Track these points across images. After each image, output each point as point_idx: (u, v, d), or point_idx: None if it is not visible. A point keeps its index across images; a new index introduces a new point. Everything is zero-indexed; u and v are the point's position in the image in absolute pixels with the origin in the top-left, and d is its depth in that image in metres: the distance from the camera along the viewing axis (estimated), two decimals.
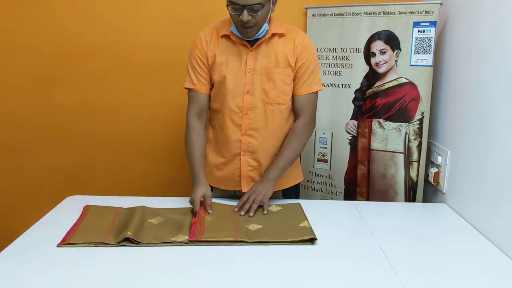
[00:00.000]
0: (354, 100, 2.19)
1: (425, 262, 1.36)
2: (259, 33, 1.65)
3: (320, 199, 2.34)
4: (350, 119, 2.21)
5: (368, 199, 2.20)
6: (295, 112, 1.78)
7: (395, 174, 2.12)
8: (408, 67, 2.05)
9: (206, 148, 1.82)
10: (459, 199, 1.81)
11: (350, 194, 2.27)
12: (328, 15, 2.21)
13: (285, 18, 2.30)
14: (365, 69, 2.15)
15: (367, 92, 2.15)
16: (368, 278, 1.26)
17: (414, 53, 2.03)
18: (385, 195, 2.15)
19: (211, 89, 1.78)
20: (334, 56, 2.22)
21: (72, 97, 2.43)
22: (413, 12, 2.02)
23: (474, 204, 1.66)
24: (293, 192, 1.91)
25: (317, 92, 1.77)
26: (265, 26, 1.66)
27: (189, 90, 1.77)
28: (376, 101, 2.12)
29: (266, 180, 1.70)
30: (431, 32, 1.99)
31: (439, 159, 1.98)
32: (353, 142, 2.22)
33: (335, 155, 2.29)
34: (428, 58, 2.01)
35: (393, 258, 1.35)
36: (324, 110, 2.28)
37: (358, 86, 2.17)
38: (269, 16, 1.66)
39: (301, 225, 1.53)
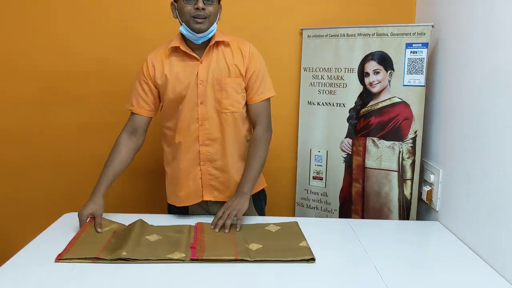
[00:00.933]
0: (348, 119, 2.23)
1: (419, 280, 1.37)
2: (209, 30, 1.68)
3: (316, 217, 2.36)
4: (345, 138, 2.25)
5: (363, 217, 2.22)
6: (251, 120, 1.85)
7: (389, 192, 2.14)
8: (401, 87, 2.09)
9: (168, 171, 1.88)
10: (451, 217, 1.83)
11: (345, 211, 2.29)
12: (323, 36, 2.26)
13: (281, 39, 2.38)
14: (359, 88, 2.19)
15: (361, 111, 2.19)
16: None
17: (407, 73, 2.08)
18: (380, 213, 2.18)
19: (152, 111, 1.83)
20: (329, 76, 2.26)
21: (70, 117, 2.45)
22: (406, 34, 2.07)
23: (467, 222, 1.69)
24: (262, 197, 1.97)
25: (269, 98, 1.84)
26: (215, 26, 1.71)
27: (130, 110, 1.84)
28: (370, 120, 2.16)
29: (241, 195, 1.74)
30: (423, 53, 2.04)
31: (432, 178, 2.01)
32: (348, 160, 2.25)
33: (330, 173, 2.32)
34: (420, 78, 2.05)
35: (387, 276, 1.37)
36: (319, 129, 2.32)
37: (352, 105, 2.21)
38: (217, 18, 1.73)
39: (300, 245, 1.55)
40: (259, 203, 1.93)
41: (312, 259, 1.45)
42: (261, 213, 1.95)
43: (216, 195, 1.85)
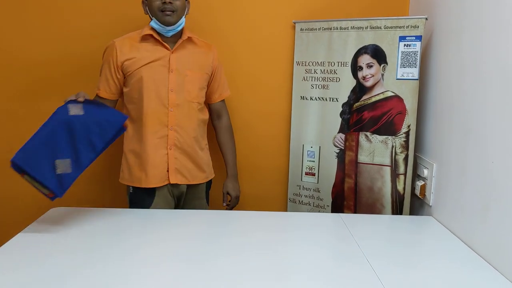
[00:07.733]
0: (341, 114, 2.20)
1: (413, 275, 1.35)
2: (178, 23, 1.85)
3: (308, 212, 2.33)
4: (338, 133, 2.22)
5: (355, 212, 2.20)
6: (212, 112, 2.16)
7: (382, 187, 2.12)
8: (394, 80, 2.07)
9: (131, 152, 1.93)
10: (445, 211, 1.81)
11: (337, 207, 2.27)
12: (316, 29, 2.24)
13: (274, 32, 2.35)
14: (352, 82, 2.17)
15: (354, 106, 2.17)
16: None
17: (400, 67, 2.06)
18: (372, 208, 2.15)
19: (116, 95, 1.95)
20: (322, 70, 2.24)
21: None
22: (399, 27, 2.05)
23: (461, 216, 1.67)
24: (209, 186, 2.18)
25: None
26: (183, 20, 1.88)
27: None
28: (363, 115, 2.14)
29: (235, 178, 2.20)
30: (417, 46, 2.02)
31: (426, 172, 1.99)
32: (341, 156, 2.22)
33: (322, 169, 2.30)
34: (414, 72, 2.03)
35: (381, 271, 1.35)
36: (312, 124, 2.29)
37: (345, 99, 2.19)
38: (185, 13, 1.90)
39: None
40: (208, 191, 2.16)
41: None
42: (208, 199, 2.15)
43: (181, 179, 1.97)
